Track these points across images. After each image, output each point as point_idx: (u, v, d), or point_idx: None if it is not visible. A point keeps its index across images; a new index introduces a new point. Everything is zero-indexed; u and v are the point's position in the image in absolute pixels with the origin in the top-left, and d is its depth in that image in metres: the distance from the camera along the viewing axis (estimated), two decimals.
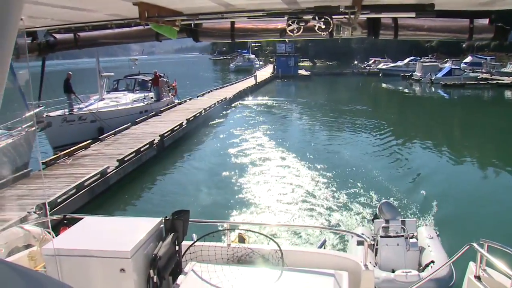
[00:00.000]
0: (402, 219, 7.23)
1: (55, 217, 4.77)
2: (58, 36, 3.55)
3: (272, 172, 13.98)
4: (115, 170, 12.57)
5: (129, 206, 11.77)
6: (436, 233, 7.36)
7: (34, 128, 13.78)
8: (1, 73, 0.96)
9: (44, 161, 13.21)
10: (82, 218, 3.51)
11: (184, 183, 13.57)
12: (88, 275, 2.95)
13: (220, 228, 3.86)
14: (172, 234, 3.21)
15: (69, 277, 2.91)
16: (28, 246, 3.72)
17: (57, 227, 3.77)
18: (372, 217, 8.62)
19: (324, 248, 6.88)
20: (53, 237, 3.35)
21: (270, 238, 3.66)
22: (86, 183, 10.93)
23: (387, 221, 7.02)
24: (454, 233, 8.29)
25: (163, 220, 3.34)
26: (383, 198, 9.84)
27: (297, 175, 13.48)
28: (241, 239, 5.83)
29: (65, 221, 3.90)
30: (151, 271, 2.87)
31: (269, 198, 11.55)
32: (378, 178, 12.96)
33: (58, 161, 13.31)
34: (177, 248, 3.27)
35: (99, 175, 11.64)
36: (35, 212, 8.02)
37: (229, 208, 10.85)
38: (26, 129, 13.29)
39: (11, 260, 3.32)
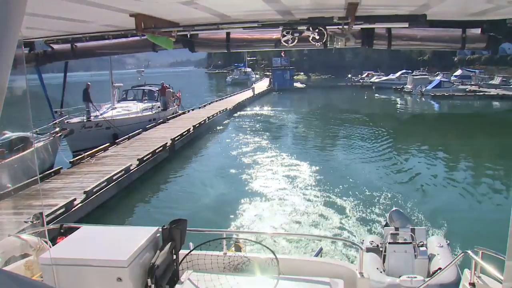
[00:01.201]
0: (412, 227, 7.17)
1: (51, 226, 4.96)
2: (55, 46, 3.56)
3: (271, 173, 15.34)
4: (136, 168, 14.11)
5: (149, 199, 13.22)
6: (447, 242, 7.23)
7: (59, 134, 15.45)
8: (1, 83, 0.96)
9: (71, 160, 14.75)
10: (79, 228, 3.53)
11: (193, 181, 15.02)
12: (85, 285, 2.94)
13: (216, 237, 3.88)
14: (169, 243, 3.21)
15: (65, 287, 2.90)
16: (24, 255, 3.70)
17: (54, 237, 3.93)
18: (383, 225, 8.62)
19: (321, 256, 7.12)
20: (50, 247, 3.32)
21: (266, 247, 3.62)
22: (114, 177, 12.42)
23: (396, 229, 6.99)
24: (465, 241, 8.26)
25: (160, 229, 3.36)
26: (394, 206, 10.11)
27: (295, 179, 14.31)
28: (238, 248, 5.82)
29: (62, 231, 3.97)
30: (149, 280, 2.88)
31: (268, 199, 12.31)
32: (378, 184, 13.32)
33: (83, 161, 14.78)
34: (174, 257, 3.28)
35: (123, 171, 13.14)
36: (32, 222, 7.86)
37: (232, 206, 11.64)
38: (53, 135, 14.99)
39: (7, 269, 3.57)
